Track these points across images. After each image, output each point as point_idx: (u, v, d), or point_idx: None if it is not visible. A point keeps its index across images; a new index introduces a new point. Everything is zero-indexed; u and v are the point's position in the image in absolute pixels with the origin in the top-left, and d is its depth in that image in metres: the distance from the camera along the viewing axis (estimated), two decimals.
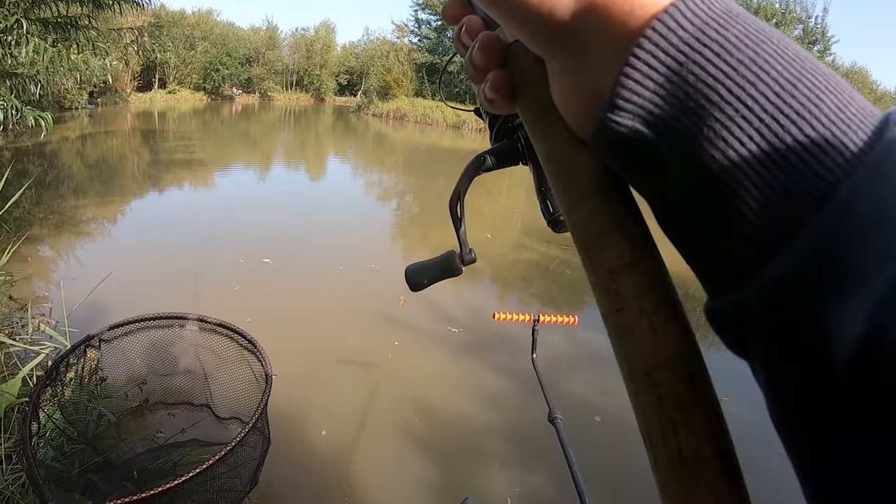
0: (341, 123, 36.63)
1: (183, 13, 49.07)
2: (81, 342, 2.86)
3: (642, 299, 0.27)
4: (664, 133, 0.25)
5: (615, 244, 0.28)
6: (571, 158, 0.31)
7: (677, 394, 0.25)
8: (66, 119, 24.36)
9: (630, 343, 0.27)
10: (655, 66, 0.24)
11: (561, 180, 0.31)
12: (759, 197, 0.22)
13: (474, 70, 0.36)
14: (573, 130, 0.31)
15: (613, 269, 0.28)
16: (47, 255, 6.81)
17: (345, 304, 5.81)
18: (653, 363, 0.26)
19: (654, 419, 0.26)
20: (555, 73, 0.31)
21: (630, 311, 0.27)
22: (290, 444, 3.47)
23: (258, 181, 13.84)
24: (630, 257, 0.28)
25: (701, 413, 0.25)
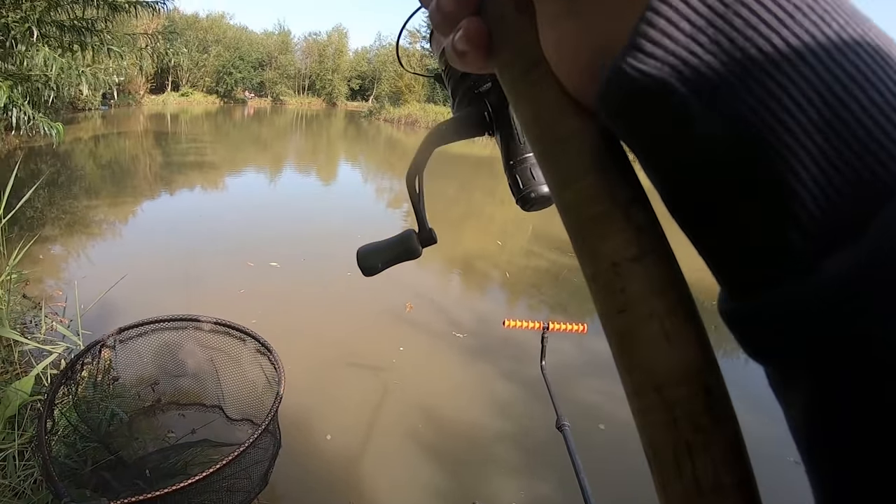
0: (353, 128, 36.75)
1: (196, 17, 49.46)
2: (96, 342, 2.90)
3: (653, 299, 0.22)
4: (701, 87, 0.19)
5: (619, 231, 0.23)
6: (564, 124, 0.25)
7: (694, 413, 0.21)
8: (79, 120, 24.58)
9: (637, 352, 0.23)
10: (694, 2, 0.19)
11: (550, 151, 0.26)
12: (820, 175, 0.18)
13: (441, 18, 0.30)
14: (567, 90, 0.25)
15: (617, 261, 0.23)
16: (59, 255, 6.86)
17: (352, 309, 5.82)
18: (665, 377, 0.22)
19: (666, 442, 0.22)
20: (550, 15, 0.25)
21: (638, 312, 0.22)
22: (298, 446, 3.49)
23: (269, 184, 13.90)
24: (638, 248, 0.23)
25: (720, 434, 0.22)
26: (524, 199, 0.49)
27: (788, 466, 3.98)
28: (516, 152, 0.49)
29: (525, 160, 0.49)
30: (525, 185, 0.49)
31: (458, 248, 9.14)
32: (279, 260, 6.97)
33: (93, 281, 5.22)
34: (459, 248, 9.09)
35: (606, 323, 0.24)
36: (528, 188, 0.48)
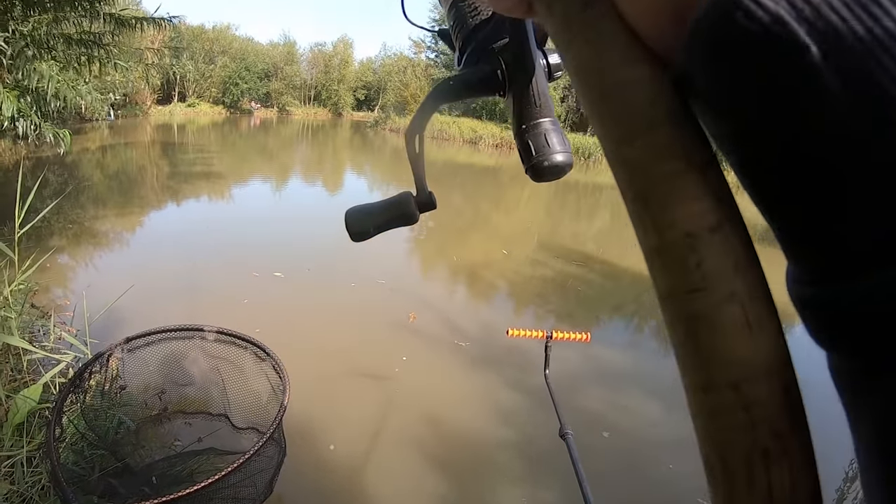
0: (358, 138, 36.84)
1: (202, 28, 49.72)
2: (103, 352, 2.93)
3: (734, 279, 0.20)
4: (827, 35, 0.16)
5: (696, 197, 0.20)
6: (631, 69, 0.22)
7: (773, 416, 0.19)
8: (86, 130, 24.70)
9: (712, 340, 0.19)
10: None
11: (610, 98, 0.22)
12: None
13: None
14: (635, 29, 0.22)
15: (693, 231, 0.20)
16: (67, 265, 6.91)
17: (356, 318, 5.85)
18: (745, 372, 0.19)
19: (740, 448, 0.19)
20: None
21: (717, 293, 0.19)
22: (303, 455, 3.51)
23: (275, 195, 13.96)
24: (716, 217, 0.20)
25: (797, 443, 0.19)
26: (536, 167, 0.46)
27: None
28: (530, 115, 0.46)
29: (539, 125, 0.46)
30: (538, 151, 0.45)
31: (463, 257, 9.17)
32: (284, 270, 7.00)
33: (100, 290, 5.26)
34: (464, 258, 9.11)
35: (673, 304, 0.21)
36: (541, 155, 0.45)
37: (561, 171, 0.46)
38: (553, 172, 0.46)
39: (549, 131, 0.45)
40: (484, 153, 31.96)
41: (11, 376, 3.32)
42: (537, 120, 0.45)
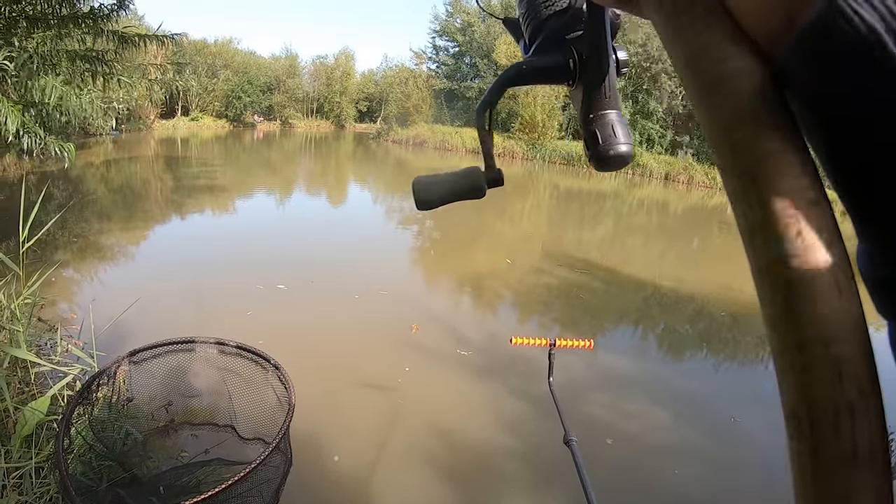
0: (361, 150, 36.94)
1: (205, 42, 49.97)
2: (111, 364, 2.95)
3: (829, 248, 0.22)
4: None
5: (798, 175, 0.23)
6: (737, 60, 0.25)
7: (859, 374, 0.21)
8: (90, 145, 24.84)
9: (808, 303, 0.22)
10: None
11: (717, 86, 0.25)
12: None
13: None
14: (742, 26, 0.25)
15: (796, 204, 0.22)
16: (73, 278, 6.95)
17: (361, 328, 5.87)
18: (835, 330, 0.21)
19: (827, 401, 0.21)
20: None
21: (813, 261, 0.22)
22: (310, 465, 3.52)
23: (279, 207, 14.01)
24: (815, 193, 0.23)
25: (877, 399, 0.21)
26: (601, 156, 0.47)
27: None
28: (599, 106, 0.48)
29: (606, 116, 0.48)
30: (605, 141, 0.47)
31: (468, 267, 9.19)
32: (288, 282, 7.03)
33: (106, 303, 5.29)
34: (469, 267, 9.13)
35: (772, 273, 0.23)
36: (607, 145, 0.47)
37: (624, 161, 0.48)
38: (617, 162, 0.48)
39: (615, 122, 0.47)
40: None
41: (20, 389, 3.34)
42: (606, 111, 0.48)
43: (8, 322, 3.72)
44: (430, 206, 0.52)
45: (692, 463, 4.05)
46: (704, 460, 4.10)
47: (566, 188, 24.59)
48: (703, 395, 5.18)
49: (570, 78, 0.49)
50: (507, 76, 0.50)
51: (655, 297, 8.50)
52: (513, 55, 36.85)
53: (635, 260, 11.12)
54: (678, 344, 6.70)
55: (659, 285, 9.16)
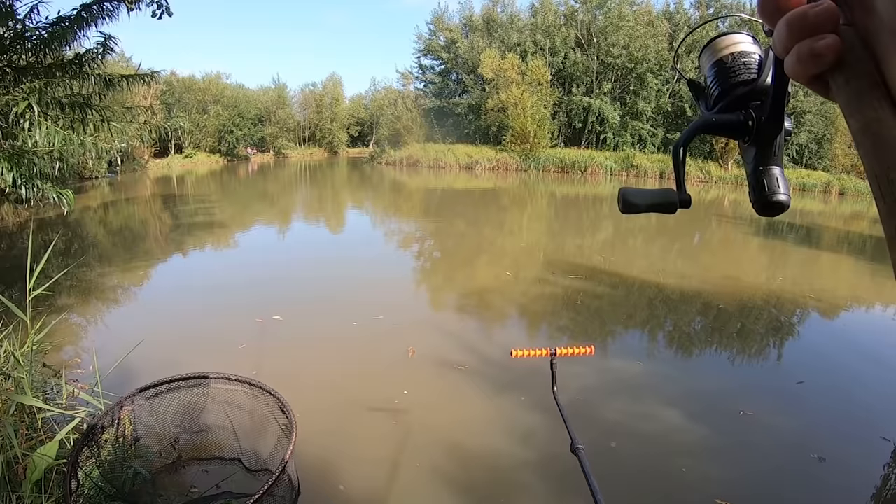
0: (356, 174, 37.10)
1: (193, 78, 50.32)
2: (114, 405, 2.96)
3: None
4: None
5: None
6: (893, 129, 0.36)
7: None
8: (86, 188, 24.96)
9: None
10: None
11: (883, 143, 0.36)
12: None
13: (805, 27, 0.39)
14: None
15: None
16: (77, 323, 6.96)
17: (361, 354, 5.90)
18: None
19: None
20: None
21: None
22: (315, 494, 3.51)
23: (278, 240, 14.03)
24: None
25: None
26: (765, 201, 0.55)
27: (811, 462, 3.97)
28: (769, 160, 0.56)
29: (772, 169, 0.56)
30: (771, 190, 0.55)
31: (470, 283, 9.20)
32: (287, 313, 7.05)
33: (110, 346, 5.31)
34: (471, 284, 9.15)
35: None
36: (772, 193, 0.55)
37: (783, 208, 0.55)
38: (777, 208, 0.55)
39: (779, 176, 0.55)
40: (482, 177, 32.13)
41: (27, 435, 3.34)
42: (772, 165, 0.56)
43: (13, 369, 3.73)
44: (635, 210, 0.62)
45: (701, 461, 4.03)
46: (713, 455, 4.09)
47: (563, 195, 24.67)
48: (712, 390, 5.17)
49: (747, 135, 0.58)
50: (699, 124, 0.61)
51: (661, 296, 8.50)
52: (498, 68, 37.10)
53: (638, 260, 11.12)
54: (685, 341, 6.70)
55: (663, 284, 9.16)
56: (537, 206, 20.70)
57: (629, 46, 37.65)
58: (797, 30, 0.39)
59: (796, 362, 6.03)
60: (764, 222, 16.58)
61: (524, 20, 42.11)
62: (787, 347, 6.58)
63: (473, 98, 41.15)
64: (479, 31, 42.83)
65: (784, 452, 4.15)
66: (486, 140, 40.27)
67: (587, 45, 39.76)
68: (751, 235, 14.71)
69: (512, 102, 36.26)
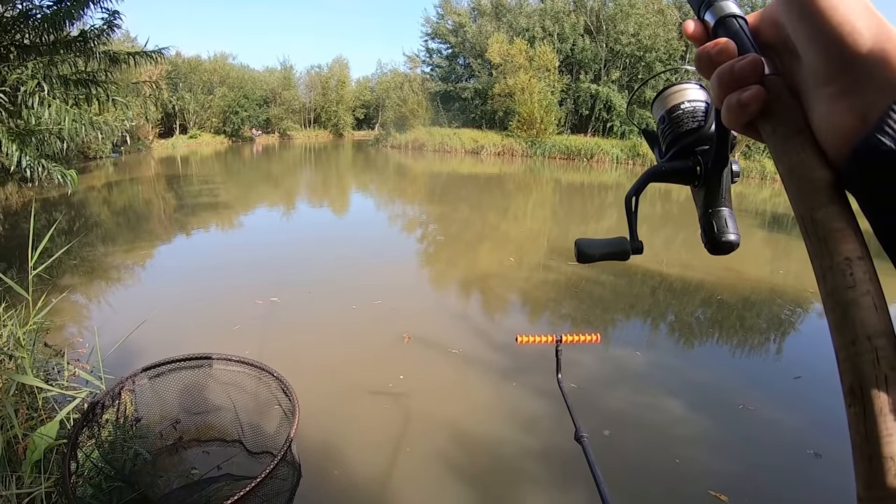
0: (361, 157, 37.00)
1: (199, 59, 50.12)
2: (115, 385, 2.95)
3: (869, 284, 0.34)
4: None
5: (852, 240, 0.36)
6: (820, 170, 0.38)
7: (890, 357, 0.32)
8: (91, 168, 24.97)
9: (859, 314, 0.33)
10: None
11: (807, 185, 0.38)
12: None
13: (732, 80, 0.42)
14: (823, 149, 0.39)
15: (850, 257, 0.35)
16: (80, 302, 6.97)
17: (363, 337, 5.89)
18: (874, 331, 0.33)
19: (871, 374, 0.32)
20: (828, 95, 0.38)
21: (861, 290, 0.34)
22: (319, 476, 3.51)
23: (282, 221, 14.00)
24: (861, 251, 0.35)
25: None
26: (714, 242, 0.58)
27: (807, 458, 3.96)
28: (717, 202, 0.59)
29: (722, 211, 0.58)
30: (720, 230, 0.57)
31: (474, 268, 9.18)
32: (291, 295, 7.07)
33: (112, 326, 5.30)
34: (475, 268, 9.12)
35: (835, 296, 0.35)
36: (721, 233, 0.57)
37: (732, 247, 0.58)
38: (727, 248, 0.58)
39: (727, 217, 0.58)
40: (487, 162, 32.00)
41: (28, 415, 3.33)
42: (721, 207, 0.59)
43: (14, 349, 3.72)
44: (590, 260, 0.68)
45: (696, 450, 4.03)
46: (708, 447, 4.08)
47: (568, 182, 24.56)
48: (712, 382, 5.15)
49: (696, 180, 0.62)
50: (650, 173, 0.65)
51: (664, 286, 8.47)
52: (506, 53, 36.86)
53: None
54: (686, 332, 6.67)
55: (666, 274, 9.13)
56: (542, 193, 20.62)
57: (638, 34, 37.26)
58: (725, 82, 0.43)
59: (795, 357, 5.99)
60: (769, 216, 16.52)
61: (533, 5, 41.63)
62: (787, 342, 6.54)
63: (480, 83, 40.82)
64: (487, 16, 42.41)
65: (780, 447, 4.13)
66: (493, 125, 40.04)
67: (596, 32, 39.33)
68: (755, 228, 14.62)
69: (519, 88, 36.00)
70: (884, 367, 0.32)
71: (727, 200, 0.59)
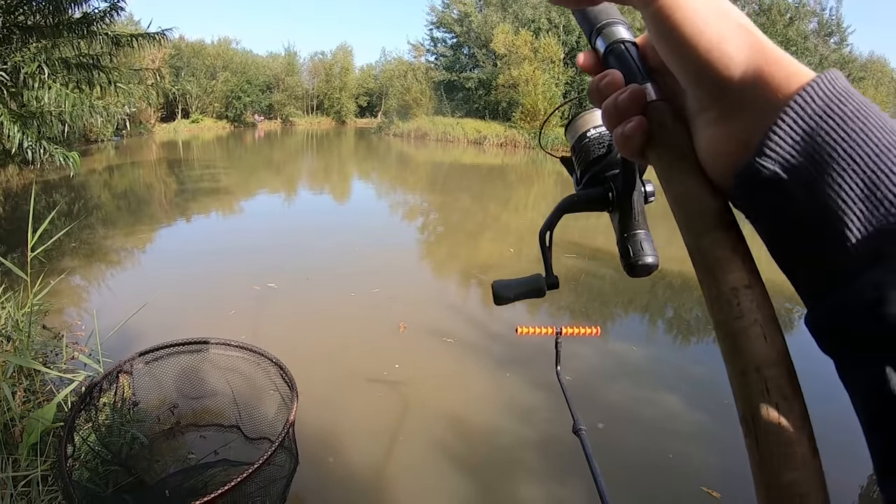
0: (363, 145, 36.91)
1: (202, 43, 49.94)
2: (113, 369, 2.95)
3: (757, 312, 0.33)
4: (796, 176, 0.32)
5: (738, 269, 0.35)
6: (705, 197, 0.37)
7: (781, 386, 0.32)
8: (92, 152, 24.92)
9: (746, 344, 0.33)
10: (795, 127, 0.32)
11: (693, 213, 0.38)
12: (860, 225, 0.30)
13: (616, 113, 0.42)
14: (706, 175, 0.38)
15: (736, 287, 0.34)
16: (79, 285, 6.97)
17: (363, 325, 5.89)
18: (763, 361, 0.32)
19: (762, 405, 0.32)
20: (708, 120, 0.38)
21: (748, 320, 0.33)
22: (317, 463, 3.52)
23: (283, 207, 14.00)
24: (749, 280, 0.34)
25: (797, 403, 0.32)
26: (632, 265, 0.57)
27: None
28: (630, 227, 0.59)
29: (637, 234, 0.58)
30: (635, 254, 0.57)
31: (473, 258, 9.17)
32: (290, 281, 7.08)
33: (112, 309, 5.30)
34: (475, 258, 9.12)
35: (723, 326, 0.34)
36: (637, 257, 0.57)
37: (650, 270, 0.58)
38: (644, 270, 0.58)
39: (643, 239, 0.58)
40: (490, 153, 31.91)
41: (25, 397, 3.34)
42: (636, 231, 0.58)
43: (13, 331, 3.73)
44: (506, 301, 0.69)
45: (690, 446, 4.03)
46: (703, 443, 4.08)
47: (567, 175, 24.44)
48: (708, 378, 5.14)
49: (609, 205, 0.61)
50: (563, 205, 0.65)
51: (663, 282, 8.46)
52: (511, 44, 36.70)
53: None
54: (684, 328, 6.68)
55: (666, 269, 9.10)
56: (544, 185, 20.56)
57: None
58: (610, 117, 0.43)
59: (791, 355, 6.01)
60: None
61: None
62: None
63: (484, 73, 40.64)
64: (492, 6, 42.15)
65: None
66: (496, 116, 39.87)
67: None
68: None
69: (523, 79, 35.84)
70: (775, 397, 0.32)
71: (641, 223, 0.59)
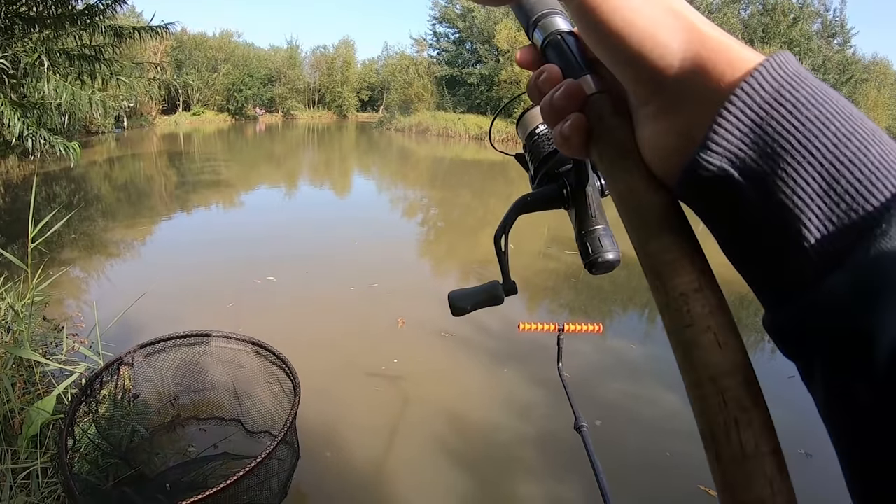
0: (364, 139, 36.85)
1: (204, 36, 49.83)
2: (113, 361, 2.94)
3: (709, 318, 0.31)
4: (746, 172, 0.29)
5: (687, 272, 0.32)
6: (649, 196, 0.35)
7: (739, 397, 0.29)
8: (93, 143, 24.86)
9: (699, 354, 0.30)
10: (742, 118, 0.29)
11: (637, 214, 0.35)
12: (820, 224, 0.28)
13: (553, 112, 0.40)
14: (650, 172, 0.35)
15: (685, 292, 0.32)
16: (79, 276, 6.96)
17: (364, 321, 5.87)
18: (718, 371, 0.30)
19: (720, 419, 0.29)
20: (648, 115, 0.35)
21: (700, 327, 0.31)
22: (318, 457, 3.51)
23: (283, 200, 13.97)
24: (699, 284, 0.32)
25: (758, 414, 0.29)
26: (592, 263, 0.56)
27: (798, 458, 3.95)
28: (588, 223, 0.57)
29: (595, 231, 0.56)
30: (594, 251, 0.55)
31: (473, 253, 9.16)
32: (290, 274, 7.09)
33: (112, 300, 5.28)
34: (474, 254, 9.10)
35: (676, 335, 0.32)
36: (596, 254, 0.55)
37: (611, 266, 0.57)
38: (605, 267, 0.56)
39: (602, 235, 0.56)
40: (491, 149, 31.86)
41: (25, 389, 3.32)
42: (593, 227, 0.57)
43: (13, 322, 3.71)
44: (463, 312, 0.68)
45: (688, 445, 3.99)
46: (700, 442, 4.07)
47: None
48: None
49: (565, 203, 0.60)
50: (517, 206, 0.64)
51: None
52: (514, 40, 36.63)
53: None
54: None
55: None
56: None
57: None
58: (548, 116, 0.40)
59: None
60: None
61: None
62: None
63: (487, 69, 40.52)
64: None
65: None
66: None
67: None
68: None
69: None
70: (732, 410, 0.29)
71: (599, 218, 0.57)
